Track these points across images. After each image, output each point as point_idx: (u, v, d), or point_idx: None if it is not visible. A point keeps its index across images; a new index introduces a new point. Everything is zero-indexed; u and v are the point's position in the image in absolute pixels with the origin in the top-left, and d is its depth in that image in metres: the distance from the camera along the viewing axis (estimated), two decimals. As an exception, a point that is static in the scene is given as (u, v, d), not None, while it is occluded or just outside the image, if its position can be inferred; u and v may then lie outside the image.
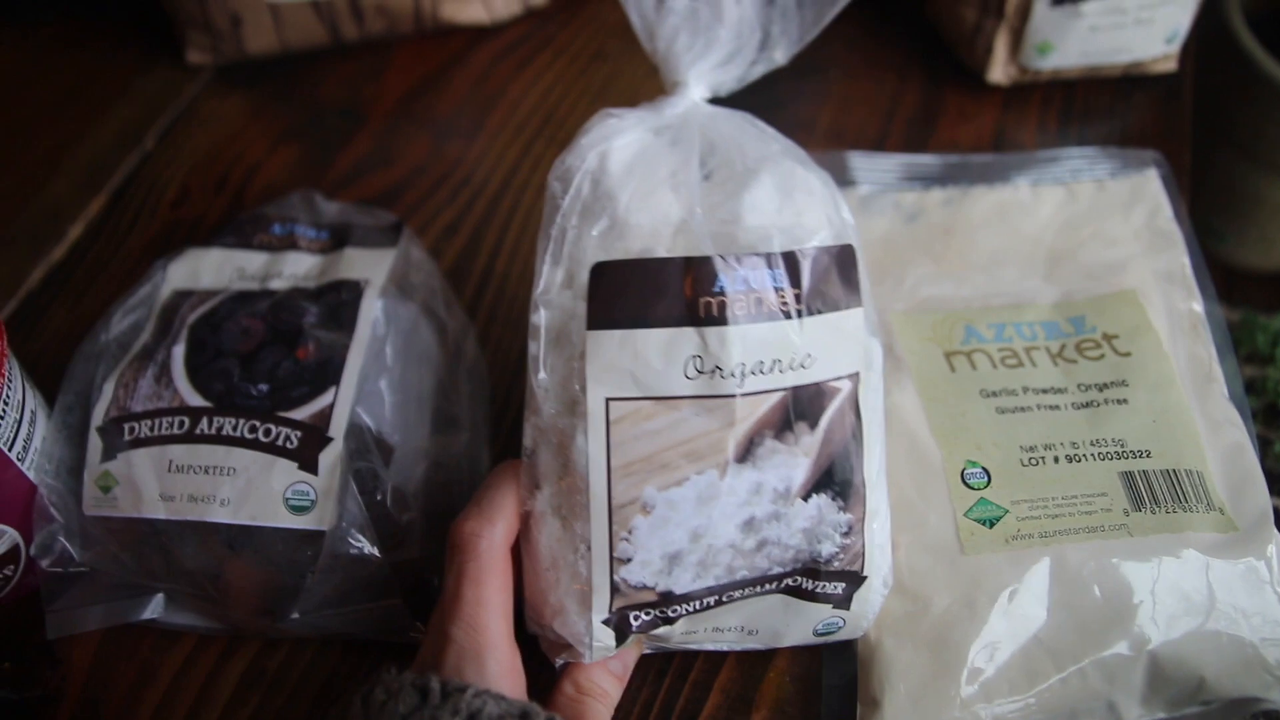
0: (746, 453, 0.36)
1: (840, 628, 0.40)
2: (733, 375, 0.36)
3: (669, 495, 0.36)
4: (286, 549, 0.42)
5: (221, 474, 0.42)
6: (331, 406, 0.43)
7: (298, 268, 0.49)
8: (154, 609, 0.43)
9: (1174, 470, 0.44)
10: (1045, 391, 0.47)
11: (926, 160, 0.57)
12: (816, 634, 0.40)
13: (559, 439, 0.37)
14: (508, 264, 0.55)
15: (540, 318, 0.37)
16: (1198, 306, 0.51)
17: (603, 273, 0.37)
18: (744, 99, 0.62)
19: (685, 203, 0.38)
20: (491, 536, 0.37)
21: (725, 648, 0.42)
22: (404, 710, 0.32)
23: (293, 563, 0.41)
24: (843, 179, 0.56)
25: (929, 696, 0.40)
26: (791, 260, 0.37)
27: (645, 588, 0.36)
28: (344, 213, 0.53)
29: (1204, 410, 0.47)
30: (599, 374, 0.36)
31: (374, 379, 0.45)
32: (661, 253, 0.37)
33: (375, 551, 0.41)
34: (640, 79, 0.64)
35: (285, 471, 0.42)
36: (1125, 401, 0.46)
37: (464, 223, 0.57)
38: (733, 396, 0.36)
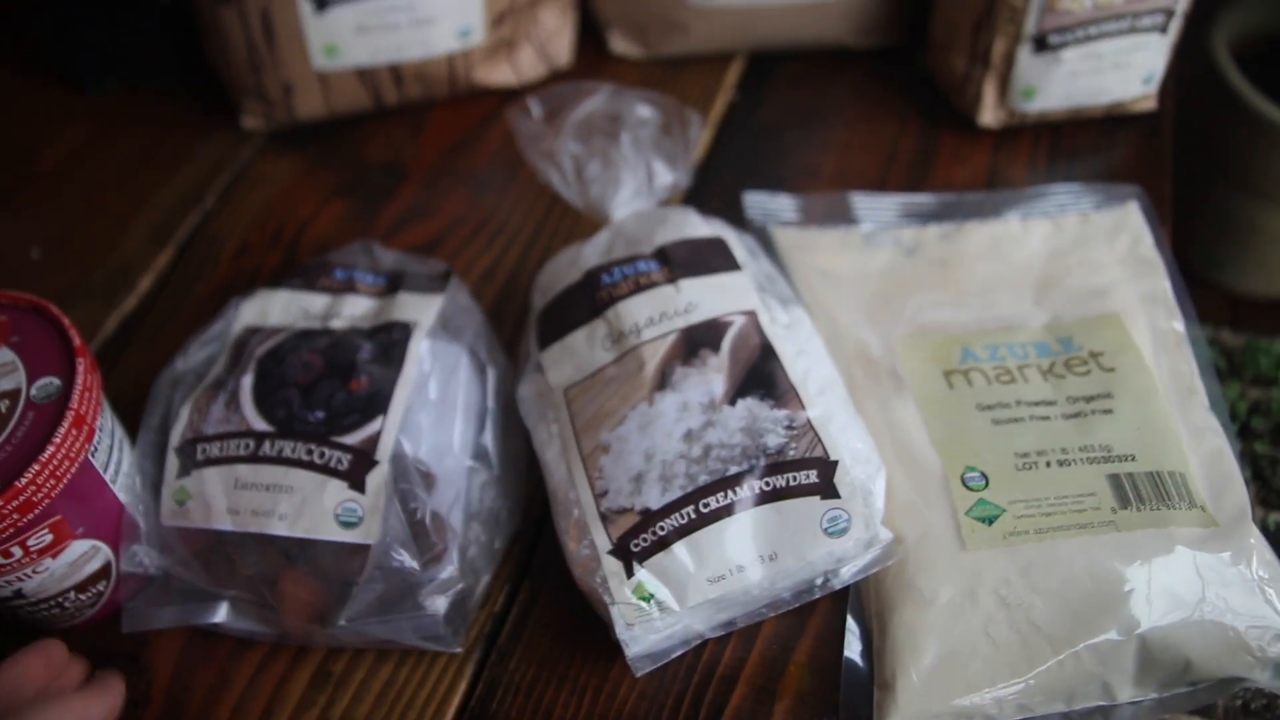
0: (664, 381, 0.48)
1: (848, 521, 0.44)
2: (632, 333, 0.49)
3: (617, 433, 0.47)
4: (336, 560, 0.46)
5: (281, 491, 0.46)
6: (379, 434, 0.48)
7: (356, 309, 0.53)
8: (220, 614, 0.47)
9: (1157, 472, 0.48)
10: (1036, 404, 0.51)
11: (924, 199, 0.62)
12: (831, 533, 0.44)
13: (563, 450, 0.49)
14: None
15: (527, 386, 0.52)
16: (1179, 326, 0.55)
17: (543, 313, 0.53)
18: (755, 150, 0.68)
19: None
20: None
21: (772, 592, 0.45)
22: None
23: (341, 573, 0.46)
24: (847, 218, 0.61)
25: (938, 679, 0.43)
26: (661, 251, 0.52)
27: (625, 510, 0.45)
28: (400, 261, 0.57)
29: (1186, 419, 0.51)
30: (554, 376, 0.50)
31: (417, 411, 0.49)
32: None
33: (415, 565, 0.46)
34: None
35: (336, 490, 0.46)
36: (1111, 412, 0.50)
37: (500, 268, 0.62)
38: (636, 346, 0.48)
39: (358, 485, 0.46)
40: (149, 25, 0.72)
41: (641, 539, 0.44)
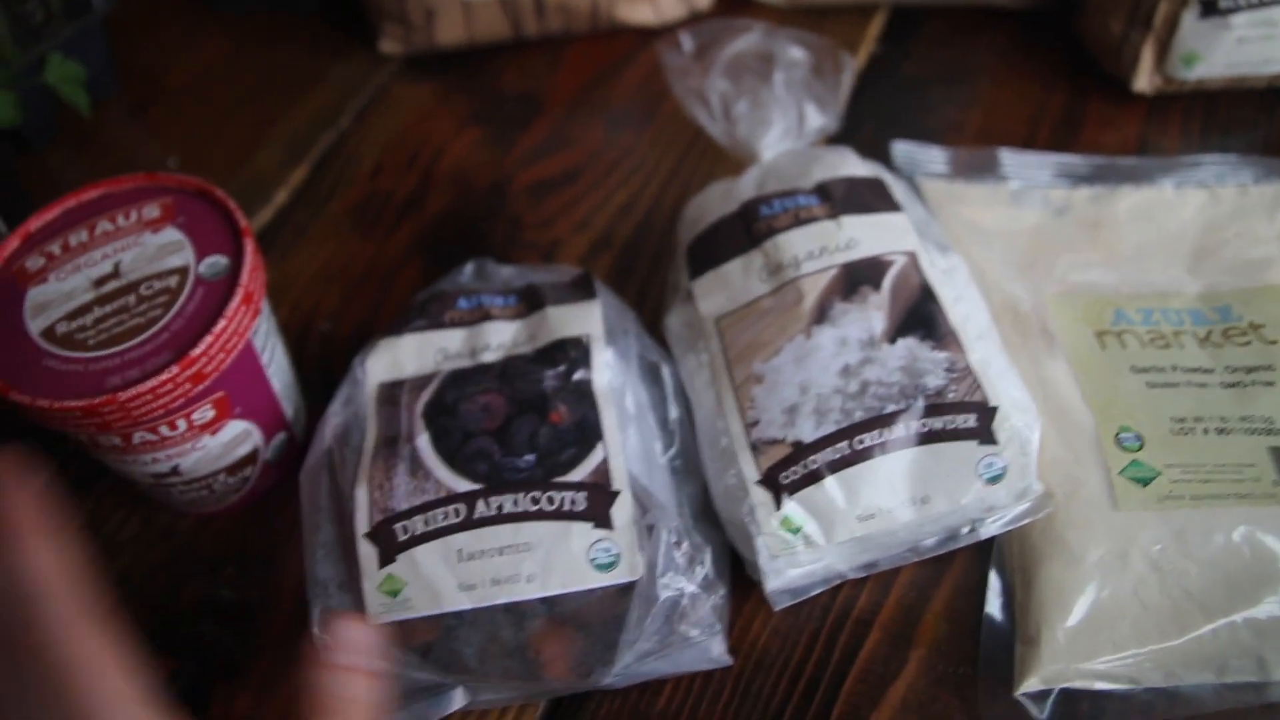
0: (822, 315, 0.47)
1: (1005, 468, 0.43)
2: (791, 265, 0.48)
3: (772, 364, 0.46)
4: (601, 608, 0.42)
5: (518, 551, 0.42)
6: (606, 461, 0.43)
7: (502, 337, 0.48)
8: (457, 700, 0.42)
9: (1321, 450, 0.46)
10: (1193, 370, 0.49)
11: (1074, 160, 0.60)
12: (986, 480, 0.43)
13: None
14: (680, 239, 0.59)
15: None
16: (1342, 307, 0.53)
17: (695, 242, 0.52)
18: (899, 103, 0.66)
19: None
20: None
21: (917, 535, 0.44)
22: None
23: (610, 620, 0.41)
24: (994, 174, 0.60)
25: (1083, 637, 0.42)
26: (822, 187, 0.51)
27: (776, 441, 0.44)
28: (521, 274, 0.53)
29: (1351, 401, 0.49)
30: (705, 305, 0.50)
31: (624, 428, 0.45)
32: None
33: (694, 588, 0.42)
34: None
35: (582, 533, 0.42)
36: (1273, 384, 0.48)
37: (639, 202, 0.62)
38: (795, 279, 0.48)
39: (604, 522, 0.42)
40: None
41: (792, 471, 0.44)
